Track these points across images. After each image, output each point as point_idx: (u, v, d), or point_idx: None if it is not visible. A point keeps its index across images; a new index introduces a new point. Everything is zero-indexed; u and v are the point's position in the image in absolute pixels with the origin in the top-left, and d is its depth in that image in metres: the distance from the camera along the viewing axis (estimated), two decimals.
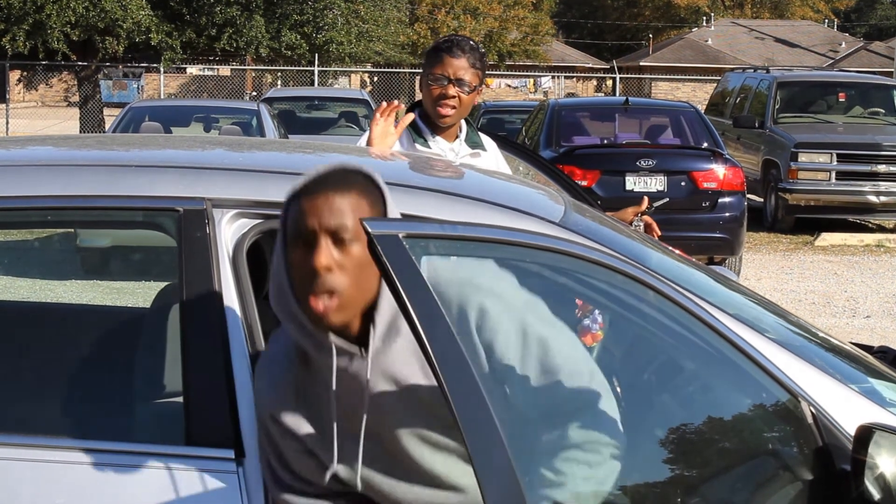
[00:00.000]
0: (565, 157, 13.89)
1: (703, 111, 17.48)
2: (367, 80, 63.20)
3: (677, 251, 4.21)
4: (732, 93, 23.05)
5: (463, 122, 5.11)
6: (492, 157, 5.17)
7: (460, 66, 4.93)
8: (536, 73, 59.98)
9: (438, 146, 5.00)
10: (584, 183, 13.15)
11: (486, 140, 5.25)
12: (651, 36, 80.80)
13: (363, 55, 33.84)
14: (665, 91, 60.85)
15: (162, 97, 34.27)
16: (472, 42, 5.07)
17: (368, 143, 4.85)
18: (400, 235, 2.48)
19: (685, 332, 3.09)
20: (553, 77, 60.03)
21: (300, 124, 20.77)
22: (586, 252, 2.99)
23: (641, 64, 68.93)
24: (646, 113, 17.14)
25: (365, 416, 2.82)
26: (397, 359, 2.85)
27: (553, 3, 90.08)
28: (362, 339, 2.83)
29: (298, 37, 29.63)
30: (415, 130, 5.03)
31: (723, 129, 19.19)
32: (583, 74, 59.92)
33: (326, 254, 2.74)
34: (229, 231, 3.17)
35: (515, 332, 2.85)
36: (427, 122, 5.04)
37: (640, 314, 3.17)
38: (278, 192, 3.02)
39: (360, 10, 29.71)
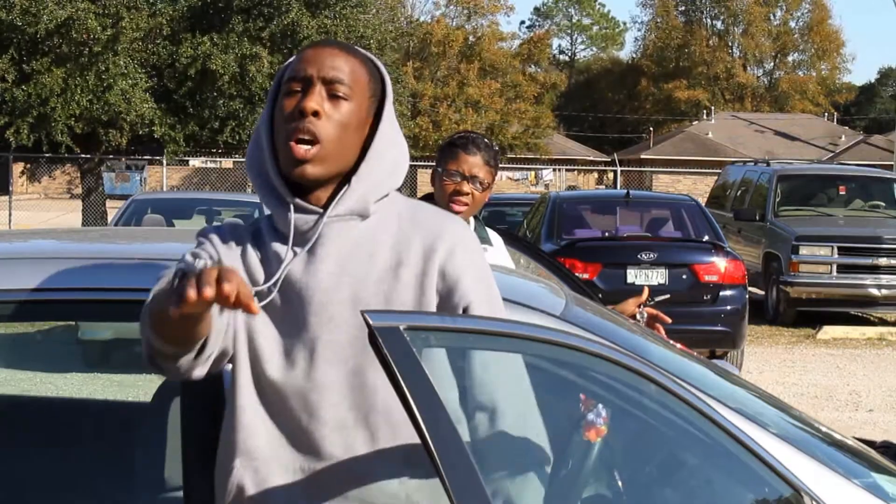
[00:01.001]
0: (566, 249, 13.90)
1: (703, 204, 17.52)
2: None
3: (679, 345, 4.21)
4: (733, 185, 23.12)
5: (471, 218, 5.12)
6: (498, 252, 5.16)
7: (475, 162, 4.94)
8: (538, 166, 60.27)
9: None
10: (586, 276, 13.15)
11: (492, 235, 5.25)
12: (652, 129, 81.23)
13: None
14: (666, 184, 61.05)
15: (164, 189, 34.38)
16: (486, 140, 5.09)
17: None
18: (401, 327, 2.48)
19: (687, 425, 3.08)
20: (554, 170, 60.31)
21: None
22: (587, 345, 2.99)
23: (642, 157, 69.21)
24: (647, 206, 17.18)
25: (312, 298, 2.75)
26: (358, 241, 2.81)
27: (554, 97, 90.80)
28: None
29: None
30: None
31: (724, 222, 19.23)
32: (584, 167, 60.24)
33: (317, 99, 2.73)
34: None
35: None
36: None
37: (643, 408, 3.16)
38: None
39: None
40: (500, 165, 5.15)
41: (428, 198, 5.13)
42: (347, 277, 2.76)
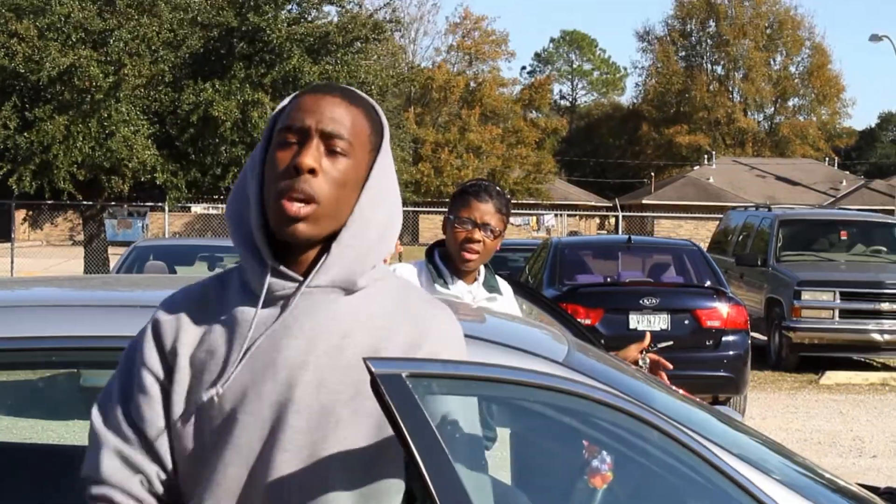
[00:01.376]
0: (568, 295, 13.89)
1: (705, 249, 17.53)
2: None
3: (681, 390, 4.20)
4: (735, 230, 23.15)
5: (482, 266, 5.13)
6: (507, 301, 5.17)
7: (487, 210, 4.96)
8: (539, 211, 60.35)
9: (457, 288, 5.00)
10: (588, 321, 13.15)
11: (502, 284, 5.25)
12: (653, 174, 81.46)
13: None
14: (667, 229, 61.15)
15: (166, 236, 34.43)
16: (498, 188, 5.11)
17: None
18: (403, 375, 2.47)
19: (691, 472, 3.07)
20: (556, 215, 60.38)
21: None
22: (590, 391, 2.98)
23: (643, 202, 69.37)
24: (648, 251, 17.19)
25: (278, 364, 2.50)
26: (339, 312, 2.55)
27: (555, 142, 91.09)
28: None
29: None
30: (435, 271, 5.04)
31: (725, 267, 19.24)
32: (586, 212, 60.34)
33: (314, 154, 2.49)
34: None
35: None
36: (447, 263, 5.05)
37: (646, 454, 3.15)
38: None
39: None
40: None
41: (439, 245, 5.14)
42: (315, 358, 2.50)
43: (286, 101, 2.62)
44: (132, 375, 2.57)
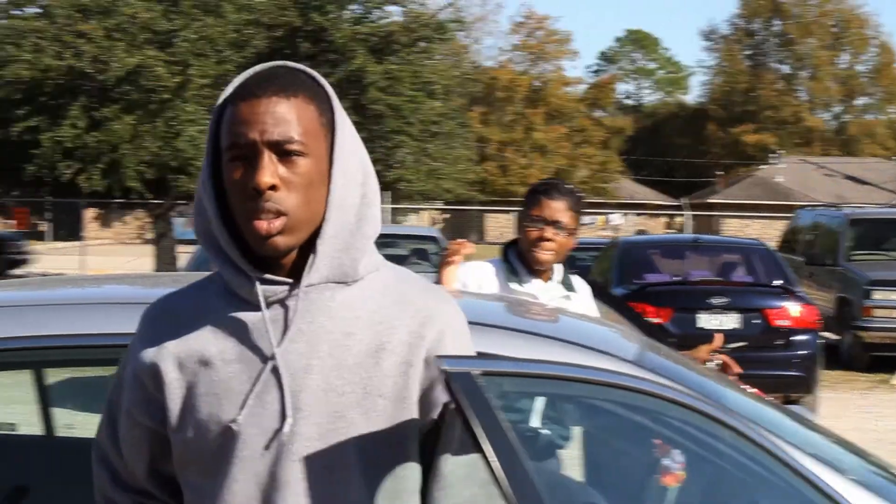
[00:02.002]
0: (637, 294, 13.84)
1: (775, 248, 17.41)
2: (438, 217, 63.67)
3: (753, 389, 4.17)
4: (804, 230, 22.97)
5: (558, 264, 5.11)
6: (583, 299, 5.17)
7: (558, 208, 4.95)
8: (606, 210, 60.19)
9: (532, 287, 4.99)
10: (657, 320, 13.09)
11: (578, 283, 5.24)
12: (720, 173, 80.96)
13: (433, 192, 34.08)
14: (735, 228, 60.80)
15: None
16: (569, 185, 5.09)
17: (439, 282, 4.87)
18: (474, 373, 2.46)
19: (764, 471, 3.04)
20: (623, 214, 60.20)
21: None
22: (661, 390, 2.96)
23: (711, 201, 68.94)
24: (717, 250, 17.09)
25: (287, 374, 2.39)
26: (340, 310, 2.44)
27: (621, 141, 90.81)
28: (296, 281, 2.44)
29: None
30: (510, 270, 5.02)
31: (795, 267, 19.07)
32: (652, 211, 60.07)
33: (270, 170, 2.32)
34: None
35: None
36: (523, 262, 5.04)
37: (718, 453, 3.12)
38: None
39: (430, 148, 29.95)
40: None
41: (514, 243, 5.14)
42: (318, 361, 2.40)
43: (222, 97, 2.44)
44: (118, 412, 2.56)
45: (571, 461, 4.52)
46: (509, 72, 78.59)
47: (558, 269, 5.11)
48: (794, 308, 13.83)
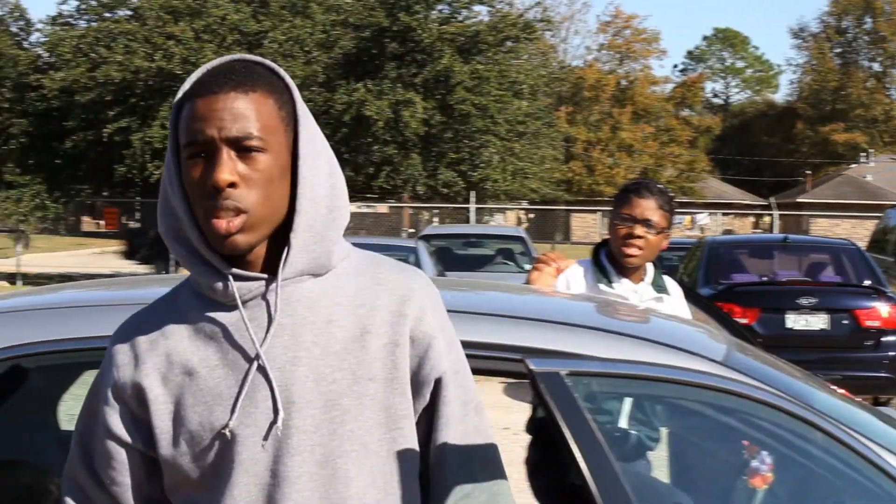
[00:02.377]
0: (724, 294, 13.72)
1: (864, 248, 17.20)
2: (523, 217, 63.60)
3: (841, 391, 4.13)
4: (894, 229, 22.70)
5: (650, 265, 5.08)
6: (676, 301, 5.11)
7: (648, 206, 4.92)
8: (693, 210, 59.81)
9: (623, 287, 4.96)
10: (744, 321, 12.98)
11: (671, 284, 5.19)
12: (809, 172, 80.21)
13: (519, 192, 34.06)
14: (824, 228, 60.21)
15: None
16: (660, 185, 5.06)
17: (528, 281, 4.87)
18: (562, 373, 2.46)
19: (853, 473, 3.01)
20: (710, 213, 59.78)
21: (457, 261, 20.79)
22: (751, 391, 2.94)
23: (799, 200, 68.34)
24: (805, 250, 16.90)
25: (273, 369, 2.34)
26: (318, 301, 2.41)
27: (708, 141, 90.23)
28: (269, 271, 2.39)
29: (454, 174, 29.91)
30: (600, 270, 5.01)
31: (885, 267, 18.84)
32: (740, 211, 59.61)
33: (229, 167, 2.27)
34: None
35: None
36: (613, 262, 5.02)
37: (807, 455, 3.10)
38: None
39: (516, 147, 29.96)
40: None
41: (605, 243, 5.11)
42: (305, 352, 2.35)
43: (179, 94, 2.37)
44: (94, 442, 2.46)
45: (659, 462, 4.50)
46: (596, 71, 78.35)
47: (650, 271, 5.07)
48: (883, 308, 13.64)
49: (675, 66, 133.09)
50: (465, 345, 2.79)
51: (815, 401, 3.37)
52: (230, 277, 2.34)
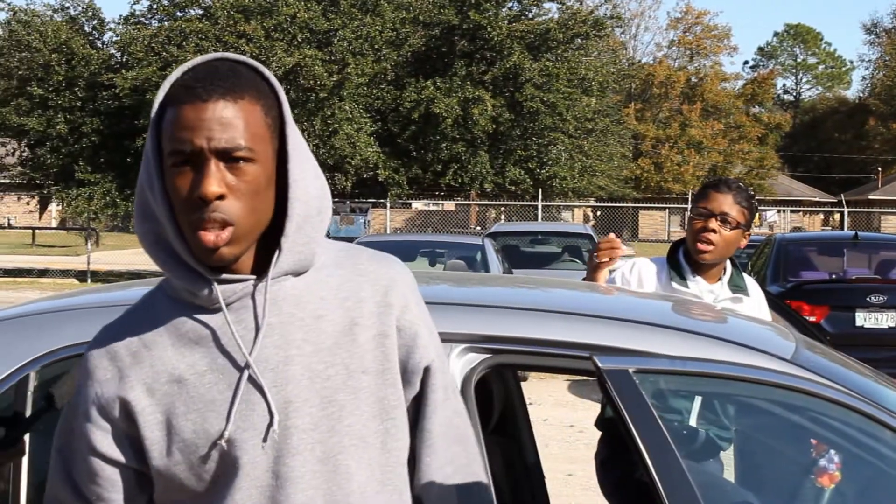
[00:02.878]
0: (793, 292, 13.64)
1: None
2: (591, 215, 63.44)
3: None
4: None
5: (728, 265, 5.03)
6: (755, 303, 5.04)
7: (725, 201, 4.87)
8: (762, 207, 59.40)
9: (698, 287, 4.90)
10: (813, 319, 12.90)
11: (751, 285, 5.12)
12: (880, 169, 79.45)
13: (586, 189, 34.00)
14: (895, 225, 59.64)
15: (388, 232, 34.90)
16: (740, 183, 5.02)
17: (588, 276, 4.84)
18: (630, 370, 2.46)
19: None
20: (779, 210, 59.37)
21: (524, 258, 20.75)
22: (820, 389, 2.93)
23: (870, 197, 67.73)
24: (876, 247, 16.75)
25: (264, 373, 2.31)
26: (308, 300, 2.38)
27: (778, 137, 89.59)
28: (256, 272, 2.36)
29: (522, 172, 29.87)
30: (674, 269, 4.96)
31: None
32: (809, 208, 59.14)
33: (216, 178, 2.20)
34: (458, 365, 3.17)
35: None
36: (690, 261, 4.97)
37: (877, 454, 3.08)
38: (509, 327, 3.04)
39: (584, 145, 29.92)
40: None
41: (682, 242, 5.06)
42: (296, 349, 2.32)
43: (160, 95, 2.28)
44: (76, 460, 2.37)
45: (728, 460, 4.49)
46: (666, 67, 78.02)
47: (728, 270, 5.02)
48: None
49: (746, 62, 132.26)
50: (533, 342, 2.81)
51: (885, 399, 3.36)
52: (215, 283, 2.30)
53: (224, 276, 2.30)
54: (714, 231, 4.83)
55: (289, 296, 2.34)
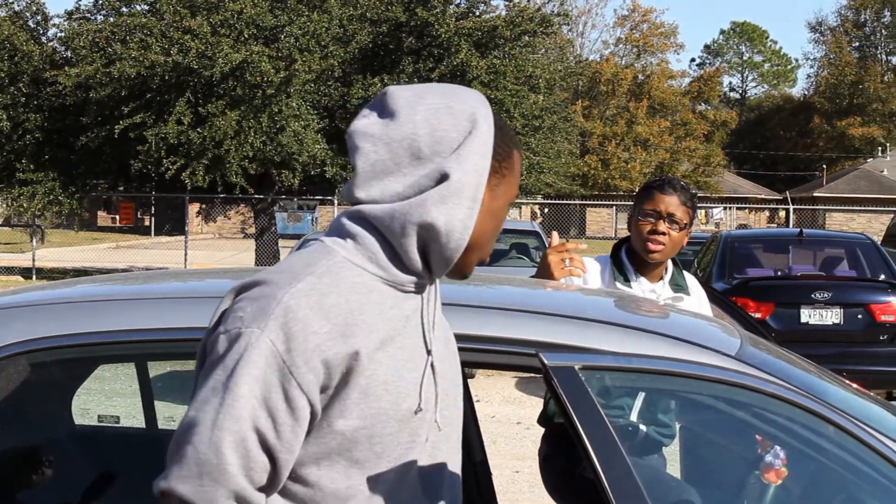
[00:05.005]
0: (738, 288, 13.72)
1: (879, 243, 17.15)
2: (538, 212, 63.57)
3: (855, 385, 4.13)
4: None
5: (670, 264, 5.07)
6: (696, 301, 5.10)
7: (671, 202, 4.92)
8: (708, 205, 59.76)
9: (640, 286, 4.96)
10: (758, 315, 12.98)
11: (692, 284, 5.18)
12: (825, 166, 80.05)
13: (534, 187, 34.02)
14: (839, 222, 60.15)
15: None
16: (683, 182, 5.06)
17: (540, 274, 4.82)
18: (576, 367, 2.46)
19: (866, 468, 3.02)
20: (725, 208, 59.72)
21: None
22: (765, 386, 2.94)
23: (815, 195, 68.22)
24: (821, 244, 16.87)
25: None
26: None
27: (724, 135, 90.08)
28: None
29: None
30: (618, 268, 4.99)
31: None
32: (755, 206, 59.51)
33: None
34: None
35: None
36: (633, 261, 5.01)
37: (820, 450, 3.10)
38: (455, 324, 3.03)
39: (532, 142, 29.91)
40: None
41: (624, 242, 5.10)
42: (446, 347, 2.58)
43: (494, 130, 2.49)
44: (276, 391, 2.29)
45: (672, 456, 4.50)
46: (613, 65, 78.27)
47: (669, 270, 5.06)
48: None
49: (693, 60, 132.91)
50: (480, 339, 2.81)
51: (829, 395, 3.37)
52: (425, 273, 2.46)
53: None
54: (664, 233, 4.87)
55: (434, 297, 2.56)
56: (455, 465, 2.51)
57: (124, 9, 26.85)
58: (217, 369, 2.31)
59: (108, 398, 11.35)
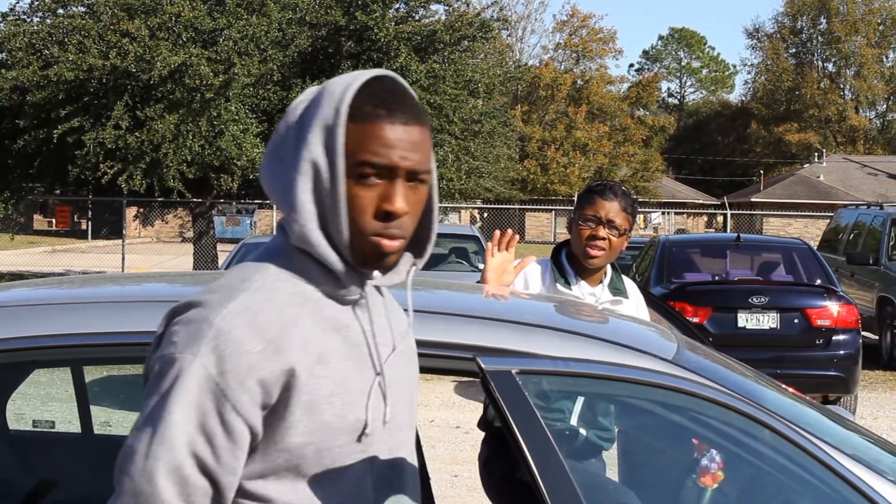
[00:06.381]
0: (676, 293, 13.79)
1: (815, 247, 17.30)
2: (478, 216, 63.63)
3: (791, 389, 4.16)
4: (846, 229, 22.81)
5: (609, 268, 5.12)
6: (634, 304, 5.14)
7: (612, 208, 4.96)
8: (646, 210, 59.98)
9: (580, 289, 4.99)
10: (696, 320, 13.05)
11: (630, 287, 5.23)
12: (762, 172, 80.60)
13: (473, 191, 34.06)
14: (776, 227, 60.54)
15: (274, 233, 34.70)
16: (624, 188, 5.09)
17: (483, 279, 4.82)
18: (513, 371, 2.47)
19: (802, 471, 3.04)
20: (663, 213, 60.02)
21: None
22: (701, 390, 2.96)
23: (752, 200, 68.67)
24: (757, 249, 17.00)
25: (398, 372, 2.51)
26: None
27: (663, 140, 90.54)
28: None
29: None
30: (558, 271, 5.02)
31: (836, 266, 18.95)
32: (693, 211, 59.80)
33: (403, 196, 2.38)
34: None
35: None
36: (573, 264, 5.05)
37: (757, 454, 3.12)
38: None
39: (471, 146, 29.92)
40: None
41: (566, 245, 5.12)
42: (400, 354, 2.54)
43: (344, 104, 2.44)
44: (211, 416, 2.26)
45: (611, 460, 4.51)
46: (552, 70, 78.43)
47: (608, 274, 5.10)
48: (834, 307, 13.74)
49: (631, 65, 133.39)
50: (418, 344, 2.81)
51: (765, 399, 3.40)
52: (367, 280, 2.45)
53: (377, 275, 2.47)
54: (603, 238, 4.91)
55: (379, 299, 2.55)
56: (412, 470, 2.49)
57: (60, 10, 26.62)
58: (153, 396, 2.29)
59: (43, 403, 11.26)
